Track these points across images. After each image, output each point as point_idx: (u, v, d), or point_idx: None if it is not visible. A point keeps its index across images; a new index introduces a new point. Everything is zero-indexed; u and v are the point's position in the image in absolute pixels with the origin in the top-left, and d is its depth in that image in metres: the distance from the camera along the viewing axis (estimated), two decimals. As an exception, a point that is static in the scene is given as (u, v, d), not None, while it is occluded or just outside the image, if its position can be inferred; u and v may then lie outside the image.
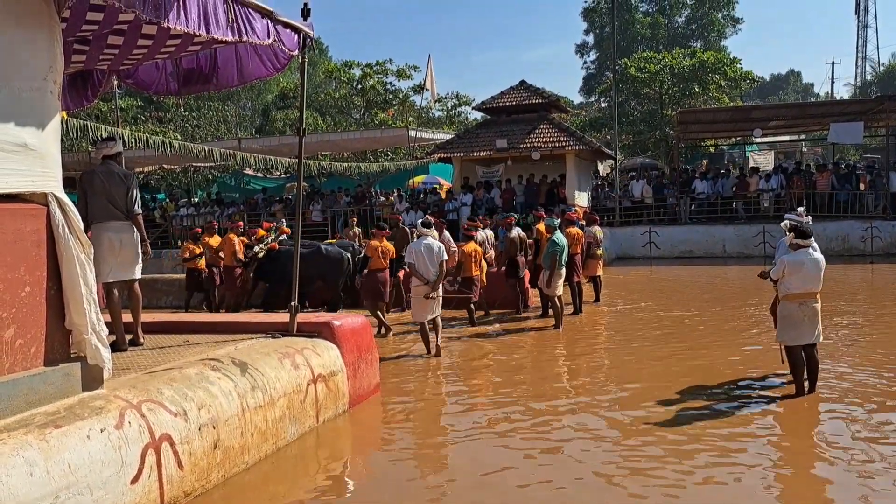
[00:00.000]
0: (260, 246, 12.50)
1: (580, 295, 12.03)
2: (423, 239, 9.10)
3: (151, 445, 4.38)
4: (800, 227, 6.66)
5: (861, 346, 9.00)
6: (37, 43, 4.35)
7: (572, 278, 11.85)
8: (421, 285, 8.95)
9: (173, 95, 7.72)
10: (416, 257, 8.95)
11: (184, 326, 7.20)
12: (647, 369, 8.15)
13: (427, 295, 8.90)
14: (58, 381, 4.32)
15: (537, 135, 22.30)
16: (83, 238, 4.47)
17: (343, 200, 23.44)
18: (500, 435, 6.00)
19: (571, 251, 11.67)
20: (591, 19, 57.26)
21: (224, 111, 39.50)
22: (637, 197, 23.51)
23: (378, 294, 10.65)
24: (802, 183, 21.46)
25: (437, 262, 8.93)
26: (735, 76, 31.74)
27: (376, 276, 10.61)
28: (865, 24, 70.49)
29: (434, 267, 8.92)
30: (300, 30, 6.40)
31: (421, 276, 8.93)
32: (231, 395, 5.21)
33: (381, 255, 10.61)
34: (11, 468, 3.57)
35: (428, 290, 8.88)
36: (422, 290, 8.94)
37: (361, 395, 6.99)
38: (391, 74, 34.38)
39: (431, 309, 9.02)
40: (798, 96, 71.63)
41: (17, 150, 4.19)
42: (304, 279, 12.35)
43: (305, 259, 12.21)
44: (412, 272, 9.03)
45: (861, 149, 37.21)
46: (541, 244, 11.45)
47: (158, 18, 4.53)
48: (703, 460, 5.26)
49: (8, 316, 4.07)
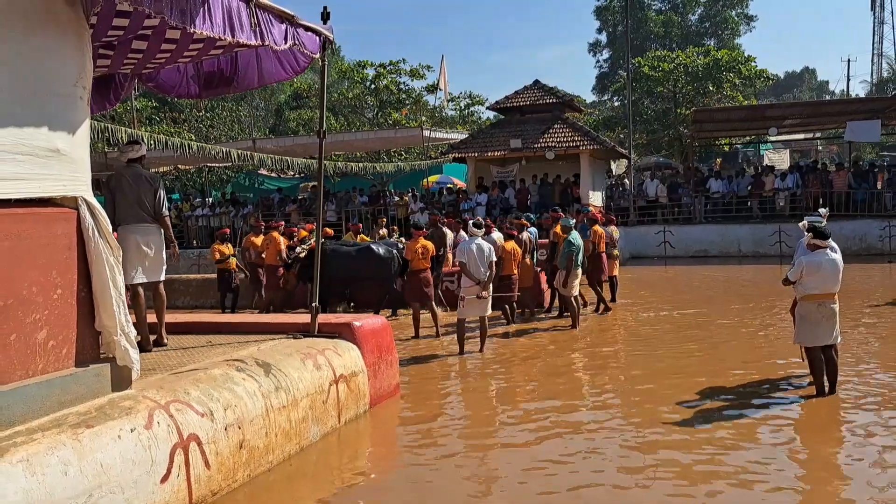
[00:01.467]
0: (302, 247, 12.41)
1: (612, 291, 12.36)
2: (475, 239, 9.25)
3: (180, 445, 4.45)
4: (818, 228, 6.65)
5: (881, 346, 8.96)
6: (67, 50, 4.43)
7: (601, 276, 12.04)
8: (473, 285, 9.08)
9: (194, 98, 7.81)
10: (469, 257, 9.06)
11: (205, 327, 7.28)
12: (664, 368, 8.15)
13: (479, 294, 9.06)
14: (89, 381, 4.39)
15: (551, 134, 22.31)
16: (112, 241, 4.55)
17: (358, 200, 23.52)
18: (523, 438, 6.03)
19: (598, 250, 11.81)
20: (603, 18, 57.11)
21: (238, 111, 39.74)
22: (651, 196, 23.44)
23: (423, 294, 10.59)
24: (819, 182, 21.32)
25: (487, 262, 9.09)
26: (750, 74, 31.58)
27: (419, 277, 10.56)
28: (882, 20, 69.93)
29: (485, 267, 9.06)
30: (321, 33, 6.46)
31: (473, 275, 9.05)
32: (255, 395, 5.28)
33: (420, 255, 10.59)
34: (47, 467, 3.64)
35: (479, 289, 9.04)
36: (474, 289, 9.08)
37: (382, 396, 7.04)
38: (404, 74, 34.47)
39: (482, 308, 9.18)
40: (813, 94, 71.11)
41: (50, 155, 4.27)
42: (354, 279, 12.44)
43: (355, 259, 12.29)
44: (464, 271, 9.14)
45: (877, 147, 36.93)
46: (557, 245, 11.45)
47: (185, 24, 4.60)
48: (726, 460, 5.27)
49: (41, 318, 4.15)
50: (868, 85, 65.98)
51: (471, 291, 9.12)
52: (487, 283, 9.13)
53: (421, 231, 11.07)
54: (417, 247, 10.57)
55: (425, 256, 10.59)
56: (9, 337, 3.99)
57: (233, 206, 24.97)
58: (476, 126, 35.19)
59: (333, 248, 12.42)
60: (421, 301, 10.61)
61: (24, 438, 3.74)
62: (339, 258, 12.11)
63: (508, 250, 10.88)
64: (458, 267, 9.44)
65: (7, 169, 4.07)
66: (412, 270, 10.65)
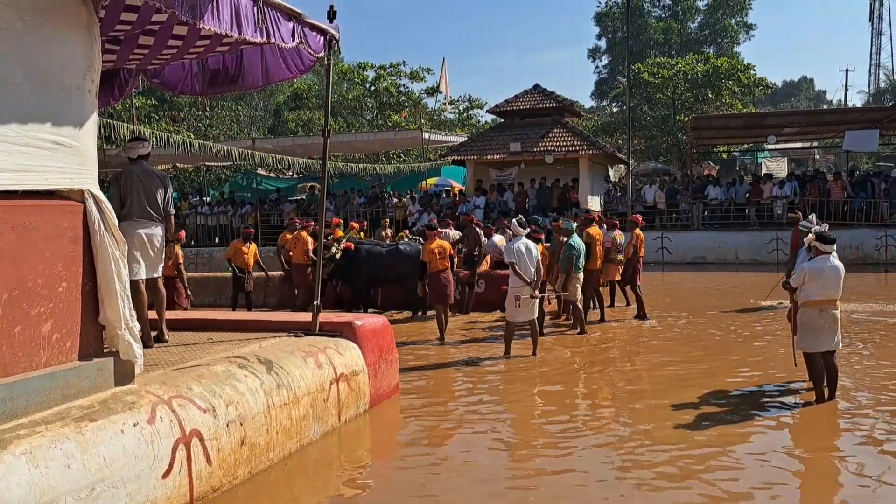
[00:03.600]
0: (336, 246, 12.29)
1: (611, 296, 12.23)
2: (519, 238, 9.10)
3: (182, 441, 4.44)
4: (823, 234, 6.67)
5: (881, 353, 8.98)
6: (76, 43, 4.43)
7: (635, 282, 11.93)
8: (523, 285, 8.91)
9: (198, 95, 7.80)
10: (518, 257, 8.89)
11: (207, 324, 7.26)
12: (662, 375, 8.16)
13: (532, 296, 8.94)
14: (92, 375, 4.38)
15: (550, 138, 22.38)
16: (118, 235, 4.54)
17: (357, 201, 23.52)
18: (524, 442, 6.03)
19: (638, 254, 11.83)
20: (603, 24, 57.24)
21: (237, 111, 39.69)
22: (650, 202, 23.48)
23: (445, 296, 10.42)
24: (816, 190, 21.38)
25: (535, 262, 8.96)
26: (749, 82, 31.65)
27: (440, 278, 10.40)
28: (880, 31, 70.23)
29: (534, 266, 8.95)
30: (326, 31, 6.45)
31: (522, 276, 8.88)
32: (257, 392, 5.27)
33: (438, 256, 10.38)
34: (50, 460, 3.63)
35: (532, 290, 8.90)
36: (525, 290, 8.90)
37: (382, 396, 7.04)
38: (404, 76, 34.50)
39: (531, 310, 9.03)
40: (810, 103, 71.35)
41: (56, 147, 4.26)
42: (382, 279, 12.38)
43: (384, 259, 12.25)
44: (514, 272, 8.92)
45: (874, 157, 37.05)
46: (592, 247, 11.15)
47: (194, 19, 4.59)
48: (727, 465, 5.28)
49: (46, 310, 4.14)
50: (865, 95, 66.33)
51: (523, 292, 8.90)
52: (537, 283, 8.99)
53: (435, 231, 10.87)
54: (434, 247, 10.40)
55: (443, 256, 10.40)
56: (13, 329, 3.98)
57: (231, 206, 24.94)
58: (475, 129, 35.24)
59: (367, 248, 12.30)
60: (444, 303, 10.42)
61: (27, 431, 3.73)
62: (373, 259, 12.06)
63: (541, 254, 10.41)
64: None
65: (13, 160, 4.05)
66: (433, 272, 10.42)
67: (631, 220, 12.11)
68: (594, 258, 11.24)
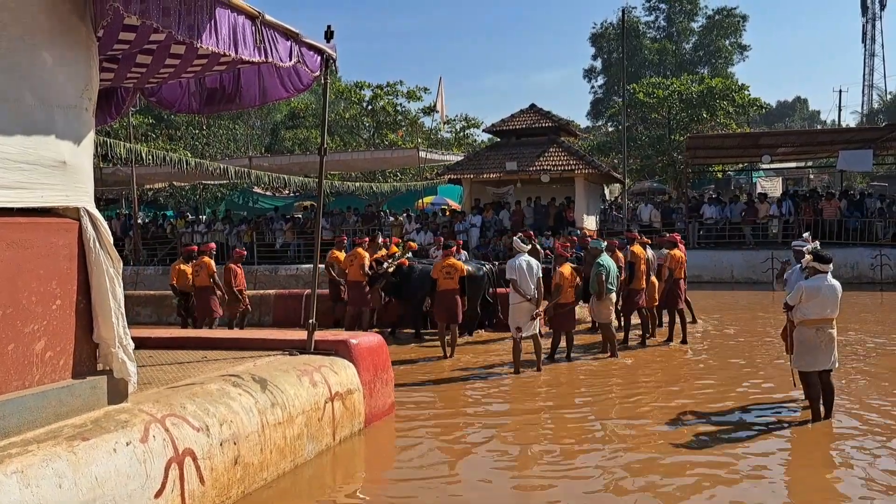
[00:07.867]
0: (390, 262, 12.05)
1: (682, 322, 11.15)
2: (521, 255, 9.17)
3: (175, 460, 4.41)
4: (819, 253, 6.70)
5: (876, 372, 8.97)
6: (74, 62, 4.45)
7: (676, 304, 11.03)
8: (524, 301, 8.96)
9: (195, 114, 7.83)
10: (519, 273, 8.96)
11: (201, 342, 7.24)
12: (662, 394, 8.14)
13: (535, 313, 9.00)
14: (85, 393, 4.36)
15: (546, 158, 22.44)
16: (113, 252, 4.53)
17: (352, 220, 23.53)
18: (521, 461, 5.99)
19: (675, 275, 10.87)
20: (599, 45, 57.72)
21: (234, 130, 39.76)
22: (645, 221, 23.53)
23: (453, 315, 10.30)
24: (812, 209, 21.46)
25: (535, 278, 9.03)
26: (743, 102, 31.90)
27: (448, 296, 10.33)
28: (872, 52, 71.07)
29: (534, 283, 9.01)
30: (323, 51, 6.51)
31: (523, 292, 8.95)
32: (251, 411, 5.24)
33: (447, 275, 10.30)
34: (41, 479, 3.60)
35: (532, 306, 8.98)
36: (526, 306, 8.96)
37: (377, 415, 6.99)
38: (401, 96, 34.64)
39: (532, 326, 9.07)
40: (804, 123, 71.85)
41: (54, 165, 4.27)
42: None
43: None
44: (514, 288, 9.00)
45: (868, 176, 37.27)
46: (636, 267, 10.81)
47: (192, 38, 4.63)
48: (719, 484, 5.25)
49: (39, 328, 4.13)
50: (859, 115, 66.87)
51: (522, 308, 8.95)
52: (539, 300, 9.04)
53: (450, 249, 10.67)
54: (444, 265, 10.32)
55: (451, 276, 10.29)
56: (6, 346, 3.96)
57: (226, 224, 24.90)
58: (472, 148, 35.34)
59: (423, 266, 11.97)
60: (450, 321, 10.31)
61: (18, 450, 3.70)
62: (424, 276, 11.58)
63: (567, 276, 9.55)
64: None
65: (9, 177, 4.06)
66: (440, 291, 10.32)
67: (668, 241, 11.27)
68: (638, 277, 10.80)
